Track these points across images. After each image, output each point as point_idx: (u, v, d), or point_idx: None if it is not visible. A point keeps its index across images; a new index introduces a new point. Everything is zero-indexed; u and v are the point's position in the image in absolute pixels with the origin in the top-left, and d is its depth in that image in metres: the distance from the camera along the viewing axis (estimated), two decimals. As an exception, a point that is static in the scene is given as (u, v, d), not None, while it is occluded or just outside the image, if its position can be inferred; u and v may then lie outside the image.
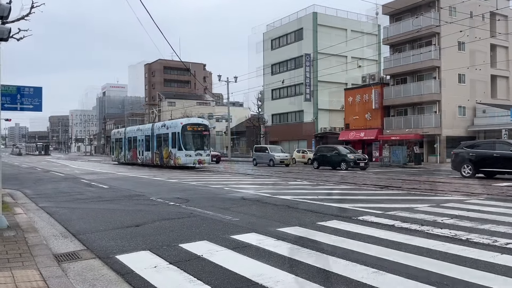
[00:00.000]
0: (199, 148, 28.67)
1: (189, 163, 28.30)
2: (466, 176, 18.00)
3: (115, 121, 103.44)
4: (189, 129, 28.71)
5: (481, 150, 17.88)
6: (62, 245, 6.36)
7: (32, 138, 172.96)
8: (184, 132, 28.48)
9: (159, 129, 31.60)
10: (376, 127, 38.17)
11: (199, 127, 29.21)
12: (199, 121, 30.93)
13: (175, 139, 28.74)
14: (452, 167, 19.36)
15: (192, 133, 28.92)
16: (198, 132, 29.05)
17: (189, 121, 30.47)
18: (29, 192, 14.24)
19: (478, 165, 17.72)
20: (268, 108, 53.23)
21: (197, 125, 29.44)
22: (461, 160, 18.44)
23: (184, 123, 29.04)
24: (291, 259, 5.31)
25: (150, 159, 32.73)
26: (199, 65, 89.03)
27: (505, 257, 5.28)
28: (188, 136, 28.59)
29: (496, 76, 38.77)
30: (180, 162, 28.28)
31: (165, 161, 30.10)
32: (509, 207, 9.37)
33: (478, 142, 19.80)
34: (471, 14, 34.53)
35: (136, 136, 35.70)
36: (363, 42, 46.08)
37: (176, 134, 28.70)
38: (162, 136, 30.92)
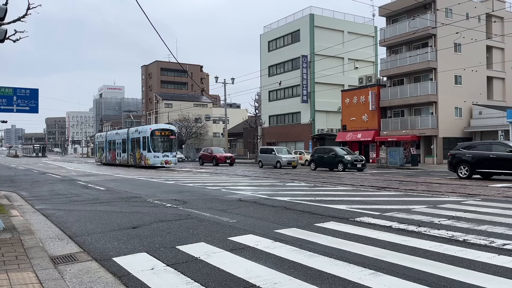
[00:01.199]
0: (166, 150, 32.88)
1: (157, 164, 32.19)
2: (462, 177, 18.06)
3: (112, 122, 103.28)
4: (157, 134, 32.94)
5: (477, 151, 17.93)
6: (58, 247, 6.33)
7: (28, 140, 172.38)
8: (153, 136, 32.62)
9: (133, 134, 35.73)
10: (373, 128, 38.25)
11: (166, 132, 33.47)
12: (166, 126, 35.37)
13: (145, 142, 32.81)
14: (448, 168, 19.41)
15: (160, 137, 33.02)
16: (165, 136, 33.22)
17: (158, 126, 35.00)
18: (26, 194, 14.17)
19: (474, 166, 17.77)
20: (265, 110, 53.26)
21: (164, 130, 33.71)
22: (457, 161, 18.51)
23: (153, 129, 33.40)
24: (288, 261, 5.31)
25: (126, 160, 36.84)
26: (196, 67, 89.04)
27: (502, 258, 5.29)
28: (156, 140, 32.74)
29: (492, 78, 38.96)
30: (149, 162, 32.24)
31: (138, 162, 34.09)
32: (506, 208, 9.40)
33: (475, 143, 19.85)
34: (467, 16, 34.71)
35: (115, 140, 39.75)
36: (360, 43, 46.18)
37: (146, 138, 32.75)
38: (135, 140, 34.90)
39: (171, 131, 33.83)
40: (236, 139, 67.62)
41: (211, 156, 38.03)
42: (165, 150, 32.85)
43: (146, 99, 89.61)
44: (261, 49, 55.14)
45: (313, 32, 47.06)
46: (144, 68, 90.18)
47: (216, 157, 37.27)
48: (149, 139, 32.51)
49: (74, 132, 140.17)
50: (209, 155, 38.61)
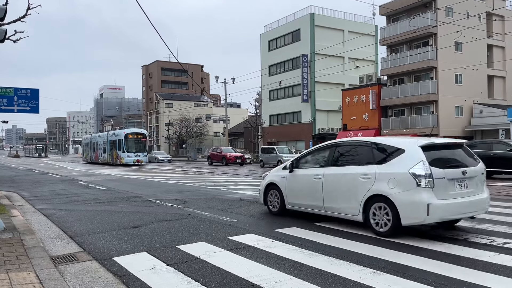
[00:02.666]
0: (138, 151, 37.95)
1: (129, 162, 37.12)
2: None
3: (112, 122, 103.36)
4: (130, 137, 37.97)
5: (478, 150, 17.83)
6: (59, 247, 6.34)
7: (29, 140, 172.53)
8: (126, 139, 37.63)
9: (111, 137, 40.77)
10: (374, 127, 38.23)
11: (138, 135, 38.69)
12: (138, 130, 41.19)
13: (120, 144, 37.81)
14: None
15: (132, 140, 37.97)
16: (138, 139, 38.33)
17: (131, 130, 40.20)
18: (26, 194, 14.18)
19: None
20: (266, 109, 53.25)
21: (136, 133, 39.02)
22: None
23: (126, 132, 38.54)
24: (288, 260, 5.31)
25: (106, 159, 41.59)
26: (196, 66, 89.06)
27: (502, 256, 5.28)
28: (129, 142, 37.64)
29: (492, 76, 38.90)
30: (123, 161, 37.25)
31: (115, 161, 39.01)
32: (506, 207, 9.39)
33: (475, 142, 19.80)
34: (468, 15, 34.66)
35: (98, 142, 44.70)
36: (361, 42, 46.15)
37: (121, 141, 37.81)
38: (113, 142, 39.80)
39: (142, 134, 39.23)
40: (236, 138, 67.61)
41: (221, 156, 36.86)
42: (137, 150, 37.85)
43: (146, 99, 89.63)
44: (261, 48, 55.12)
45: (314, 31, 47.03)
46: (145, 68, 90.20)
47: (226, 156, 36.26)
48: (123, 141, 37.61)
49: (75, 132, 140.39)
50: (219, 154, 37.40)
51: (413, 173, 6.09)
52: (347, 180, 6.99)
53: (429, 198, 5.98)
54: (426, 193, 6.00)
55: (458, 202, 6.22)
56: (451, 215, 6.26)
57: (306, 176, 7.92)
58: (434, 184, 6.03)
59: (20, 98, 12.14)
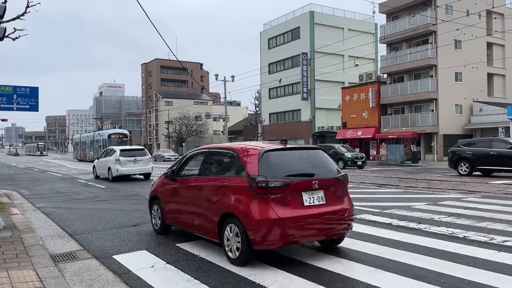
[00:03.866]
0: None
1: None
2: (463, 174, 18.03)
3: (112, 120, 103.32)
4: (113, 137, 42.02)
5: (478, 148, 17.89)
6: (58, 245, 6.34)
7: (28, 138, 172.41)
8: (109, 138, 41.65)
9: (97, 136, 45.24)
10: (374, 125, 38.22)
11: (120, 135, 42.80)
12: (120, 131, 46.21)
13: (104, 143, 41.77)
14: (449, 165, 19.36)
15: (115, 139, 41.66)
16: (119, 138, 41.97)
17: (113, 131, 46.04)
18: (26, 193, 14.18)
19: (475, 163, 17.72)
20: (266, 107, 53.22)
21: (118, 133, 43.52)
22: (458, 158, 18.46)
23: (109, 133, 43.30)
24: (288, 258, 5.31)
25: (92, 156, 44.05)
26: (196, 65, 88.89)
27: (502, 254, 5.29)
28: (112, 141, 40.91)
29: (492, 74, 38.88)
30: None
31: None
32: (506, 205, 9.39)
33: (475, 140, 19.70)
34: (468, 13, 34.60)
35: (86, 141, 49.04)
36: (360, 41, 46.09)
37: (104, 140, 42.04)
38: (98, 141, 44.16)
39: (124, 134, 43.24)
40: (236, 137, 67.59)
41: None
42: None
43: (146, 97, 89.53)
44: (261, 46, 55.07)
45: (313, 30, 46.97)
46: (144, 66, 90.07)
47: None
48: (106, 141, 41.74)
49: (74, 130, 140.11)
50: None
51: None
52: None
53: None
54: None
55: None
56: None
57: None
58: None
59: (20, 96, 12.11)
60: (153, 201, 7.32)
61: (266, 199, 4.95)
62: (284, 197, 5.01)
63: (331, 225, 5.32)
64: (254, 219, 4.89)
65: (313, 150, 5.98)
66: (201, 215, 5.86)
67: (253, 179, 5.02)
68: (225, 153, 6.01)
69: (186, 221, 6.29)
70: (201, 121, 68.08)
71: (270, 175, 5.06)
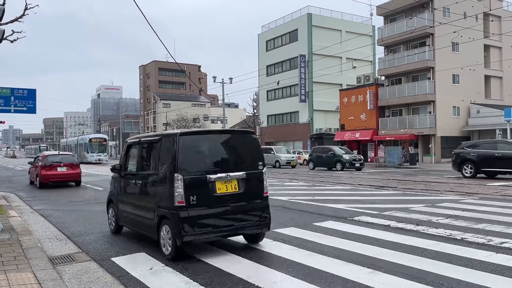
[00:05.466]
0: (100, 152, 48.24)
1: (92, 160, 46.72)
2: (467, 176, 17.72)
3: (109, 122, 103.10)
4: (94, 141, 48.39)
5: (482, 150, 17.61)
6: (57, 247, 6.32)
7: (26, 141, 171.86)
8: (90, 142, 48.24)
9: (80, 140, 51.89)
10: (371, 127, 38.28)
11: (100, 139, 49.19)
12: (100, 135, 52.67)
13: (86, 146, 48.28)
14: (452, 167, 18.99)
15: (95, 143, 48.26)
16: (99, 142, 48.64)
17: (94, 135, 52.33)
18: (24, 195, 14.15)
19: (479, 165, 17.46)
20: (264, 109, 53.24)
21: (98, 138, 49.94)
22: (462, 160, 18.12)
23: (90, 137, 49.59)
24: (287, 260, 5.31)
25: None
26: (194, 67, 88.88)
27: (500, 256, 5.30)
28: (93, 145, 48.01)
29: (489, 77, 39.01)
30: (88, 160, 46.90)
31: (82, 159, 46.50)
32: (503, 207, 9.42)
33: (479, 142, 19.37)
34: (465, 15, 34.74)
35: (71, 144, 55.03)
36: (358, 43, 46.19)
37: (86, 144, 48.35)
38: (81, 145, 50.35)
39: (103, 139, 49.68)
40: (234, 138, 67.53)
41: None
42: (99, 151, 48.03)
43: (144, 99, 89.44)
44: (259, 48, 55.12)
45: (311, 32, 47.05)
46: (142, 68, 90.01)
47: None
48: (87, 144, 47.91)
49: (72, 132, 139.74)
50: None
51: None
52: None
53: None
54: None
55: None
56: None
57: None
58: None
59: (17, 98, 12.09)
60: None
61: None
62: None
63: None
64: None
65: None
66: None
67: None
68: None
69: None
70: (199, 123, 68.06)
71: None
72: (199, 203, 5.34)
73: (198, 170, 5.42)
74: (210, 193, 5.42)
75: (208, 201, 5.42)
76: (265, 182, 5.98)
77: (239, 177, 5.65)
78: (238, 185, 5.62)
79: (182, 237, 5.17)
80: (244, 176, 5.69)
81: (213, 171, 5.48)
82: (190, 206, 5.27)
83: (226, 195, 5.53)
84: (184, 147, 5.37)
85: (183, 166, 5.29)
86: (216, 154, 5.74)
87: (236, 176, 5.62)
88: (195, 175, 5.36)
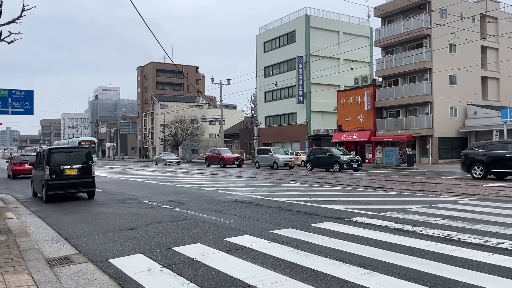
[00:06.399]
0: None
1: None
2: (477, 177, 17.36)
3: (107, 124, 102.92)
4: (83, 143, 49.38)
5: (492, 151, 17.24)
6: (54, 249, 6.31)
7: (23, 142, 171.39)
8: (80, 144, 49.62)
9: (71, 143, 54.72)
10: (369, 128, 38.35)
11: (89, 142, 50.89)
12: (89, 138, 57.49)
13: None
14: (461, 168, 18.63)
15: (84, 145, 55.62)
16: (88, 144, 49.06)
17: (83, 138, 56.63)
18: (21, 197, 14.11)
19: (489, 166, 17.10)
20: (262, 110, 53.27)
21: (88, 140, 52.20)
22: (471, 161, 17.74)
23: (80, 140, 52.06)
24: (284, 261, 5.32)
25: None
26: (192, 68, 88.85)
27: (496, 256, 5.32)
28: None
29: (486, 78, 39.15)
30: None
31: None
32: (500, 207, 9.46)
33: (489, 142, 18.87)
34: (462, 16, 34.89)
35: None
36: (356, 44, 46.27)
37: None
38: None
39: (93, 141, 52.69)
40: (232, 140, 67.58)
41: (218, 157, 36.86)
42: None
43: (142, 101, 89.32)
44: (256, 50, 55.17)
45: (309, 33, 47.13)
46: (140, 69, 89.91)
47: (224, 158, 36.21)
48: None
49: (69, 134, 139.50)
50: (216, 156, 37.40)
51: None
52: None
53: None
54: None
55: None
56: None
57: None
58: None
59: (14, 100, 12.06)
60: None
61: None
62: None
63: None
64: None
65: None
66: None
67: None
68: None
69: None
70: (197, 124, 68.01)
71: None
72: (56, 178, 12.01)
73: (55, 165, 12.10)
74: (62, 174, 12.12)
75: (60, 178, 12.10)
76: (93, 169, 12.71)
77: (77, 167, 12.38)
78: (78, 171, 12.38)
79: (48, 192, 11.96)
80: (80, 167, 12.42)
81: (63, 164, 12.22)
82: (51, 180, 11.95)
83: (70, 175, 12.25)
84: (51, 155, 12.18)
85: (50, 163, 12.01)
86: (66, 157, 12.49)
87: (76, 167, 12.35)
88: (54, 166, 12.05)
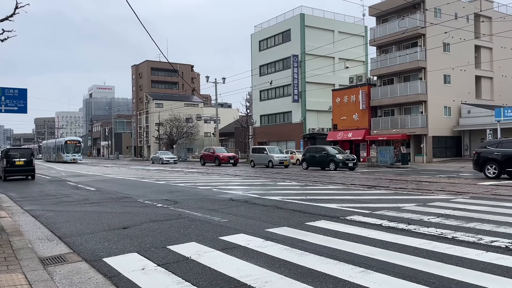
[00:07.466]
0: (74, 152, 54.37)
1: (68, 160, 53.05)
2: (490, 176, 16.89)
3: (102, 122, 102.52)
4: (69, 143, 54.69)
5: (507, 149, 16.61)
6: (48, 248, 6.28)
7: (17, 141, 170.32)
8: (66, 144, 54.58)
9: (58, 142, 58.60)
10: (364, 127, 38.47)
11: (74, 141, 55.51)
12: (74, 138, 59.65)
13: (62, 147, 55.00)
14: (474, 167, 18.10)
15: (70, 145, 54.64)
16: (74, 144, 54.92)
17: (69, 138, 59.70)
18: (14, 195, 14.03)
19: (504, 165, 16.55)
20: (257, 109, 53.29)
21: (73, 140, 56.34)
22: (484, 160, 17.16)
23: (66, 139, 56.30)
24: (279, 259, 5.32)
25: (55, 158, 58.17)
26: (187, 66, 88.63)
27: (490, 254, 5.36)
28: (68, 146, 54.45)
29: (480, 77, 39.39)
30: (64, 159, 53.54)
31: (59, 159, 55.47)
32: (494, 206, 9.52)
33: (503, 140, 18.24)
34: (456, 16, 35.06)
35: (50, 146, 63.18)
36: (350, 43, 46.39)
37: (62, 145, 54.93)
38: (58, 146, 57.28)
39: (78, 141, 56.04)
40: (227, 138, 67.54)
41: (214, 156, 36.82)
42: (73, 152, 54.23)
43: (136, 99, 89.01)
44: (252, 48, 55.16)
45: (304, 32, 47.18)
46: (135, 67, 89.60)
47: (219, 157, 36.20)
48: (63, 146, 54.38)
49: (63, 132, 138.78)
50: (211, 154, 37.37)
51: None
52: None
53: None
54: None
55: None
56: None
57: None
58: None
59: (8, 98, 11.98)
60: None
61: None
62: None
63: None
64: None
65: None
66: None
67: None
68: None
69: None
70: (192, 123, 67.88)
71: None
72: (9, 166, 21.30)
73: (10, 158, 21.28)
74: (13, 163, 21.38)
75: (12, 166, 21.39)
76: (33, 162, 22.26)
77: (24, 160, 21.71)
78: (24, 162, 21.64)
79: (5, 177, 21.48)
80: (26, 159, 21.76)
81: (15, 158, 21.56)
82: (6, 167, 21.27)
83: (19, 165, 21.58)
84: (5, 153, 21.67)
85: (5, 157, 21.34)
86: (16, 154, 21.78)
87: (23, 159, 21.67)
88: (8, 159, 21.25)
